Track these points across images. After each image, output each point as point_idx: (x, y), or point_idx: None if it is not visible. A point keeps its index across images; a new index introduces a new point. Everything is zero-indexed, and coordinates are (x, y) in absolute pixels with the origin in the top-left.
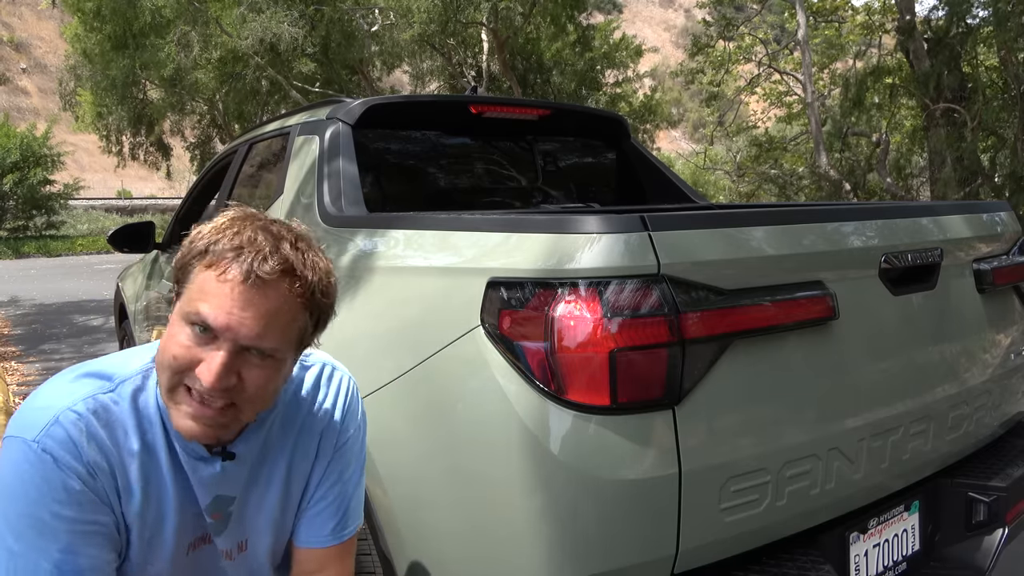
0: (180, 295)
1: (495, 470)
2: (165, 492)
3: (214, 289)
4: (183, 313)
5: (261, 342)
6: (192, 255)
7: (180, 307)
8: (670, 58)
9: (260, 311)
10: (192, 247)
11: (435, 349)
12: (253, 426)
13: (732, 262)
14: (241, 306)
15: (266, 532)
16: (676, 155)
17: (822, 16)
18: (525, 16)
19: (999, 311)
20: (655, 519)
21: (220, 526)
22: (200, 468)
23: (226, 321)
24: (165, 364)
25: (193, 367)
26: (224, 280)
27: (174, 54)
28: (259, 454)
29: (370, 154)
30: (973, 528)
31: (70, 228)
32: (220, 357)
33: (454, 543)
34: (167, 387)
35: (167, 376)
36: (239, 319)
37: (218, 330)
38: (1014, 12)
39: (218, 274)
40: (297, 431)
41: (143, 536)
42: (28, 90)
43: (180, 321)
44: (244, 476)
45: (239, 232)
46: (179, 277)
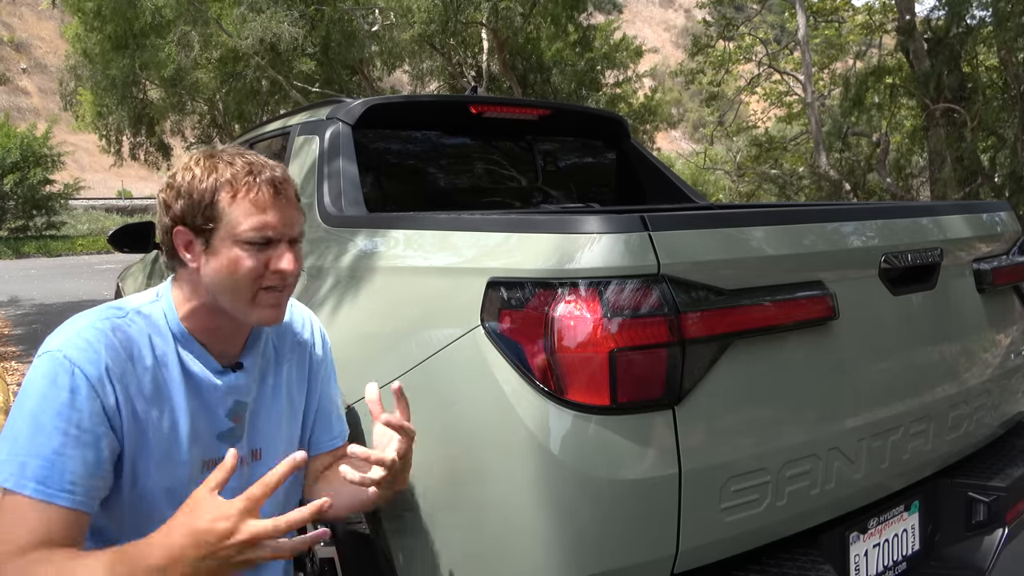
0: (214, 231)
1: (495, 470)
2: (178, 402)
3: (257, 209)
4: (237, 239)
5: (299, 231)
6: (207, 194)
7: (228, 235)
8: (670, 58)
9: (291, 209)
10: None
11: (435, 349)
12: (252, 341)
13: (732, 262)
14: (282, 210)
15: (277, 441)
16: (676, 155)
17: (822, 16)
18: (525, 16)
19: (999, 311)
20: (655, 519)
21: (239, 431)
22: (219, 380)
23: (281, 227)
24: (242, 280)
25: (266, 271)
26: (260, 198)
27: (174, 54)
28: (262, 364)
29: (370, 154)
30: (973, 528)
31: (70, 228)
32: (287, 251)
33: (454, 542)
34: (248, 298)
35: (247, 289)
36: (286, 221)
37: (278, 235)
38: (1014, 12)
39: (252, 197)
40: (289, 344)
41: (160, 447)
42: (28, 90)
43: (234, 247)
44: (254, 384)
45: (230, 161)
46: (207, 218)
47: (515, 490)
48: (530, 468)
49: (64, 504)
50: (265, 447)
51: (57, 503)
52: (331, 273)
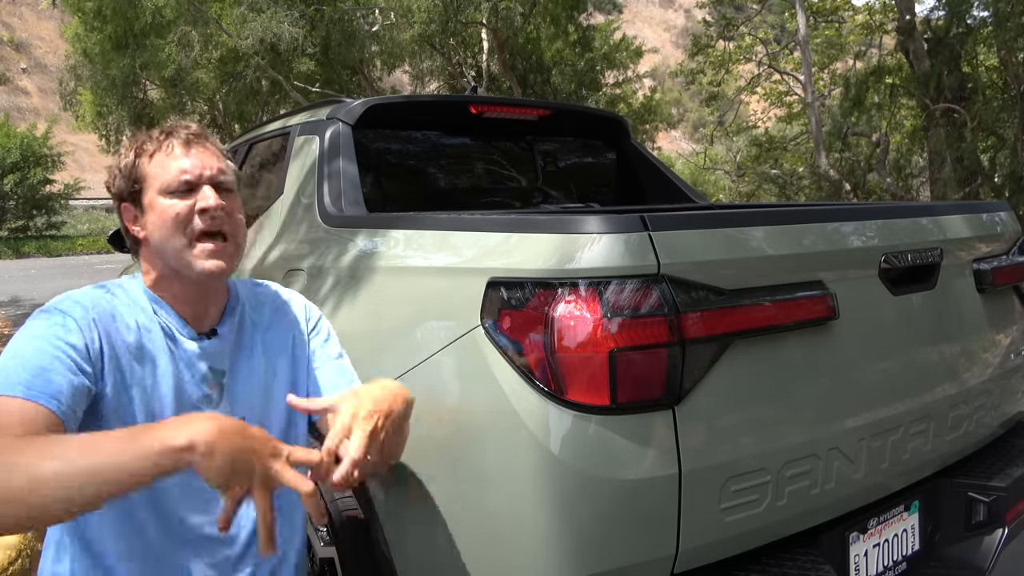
0: (140, 192)
1: (495, 470)
2: (161, 364)
3: (172, 161)
4: (159, 189)
5: (223, 174)
6: (132, 164)
7: (152, 189)
8: (670, 58)
9: (209, 155)
10: (124, 162)
11: (435, 349)
12: (230, 307)
13: (732, 262)
14: (197, 157)
15: (261, 411)
16: (676, 155)
17: (822, 16)
18: (525, 16)
19: (999, 311)
20: (655, 519)
21: (217, 397)
22: (193, 346)
23: (198, 169)
24: (171, 227)
25: (192, 214)
26: (173, 152)
27: (174, 54)
28: (237, 332)
29: (370, 154)
30: (973, 528)
31: (70, 228)
32: (207, 189)
33: (453, 542)
34: (184, 245)
35: (179, 234)
36: (202, 163)
37: (194, 178)
38: (1014, 12)
39: (166, 152)
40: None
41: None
42: (28, 90)
43: (159, 197)
44: (228, 351)
45: (153, 132)
46: (132, 181)
47: (515, 490)
48: (530, 468)
49: (51, 408)
50: (248, 415)
51: (45, 405)
52: (331, 273)
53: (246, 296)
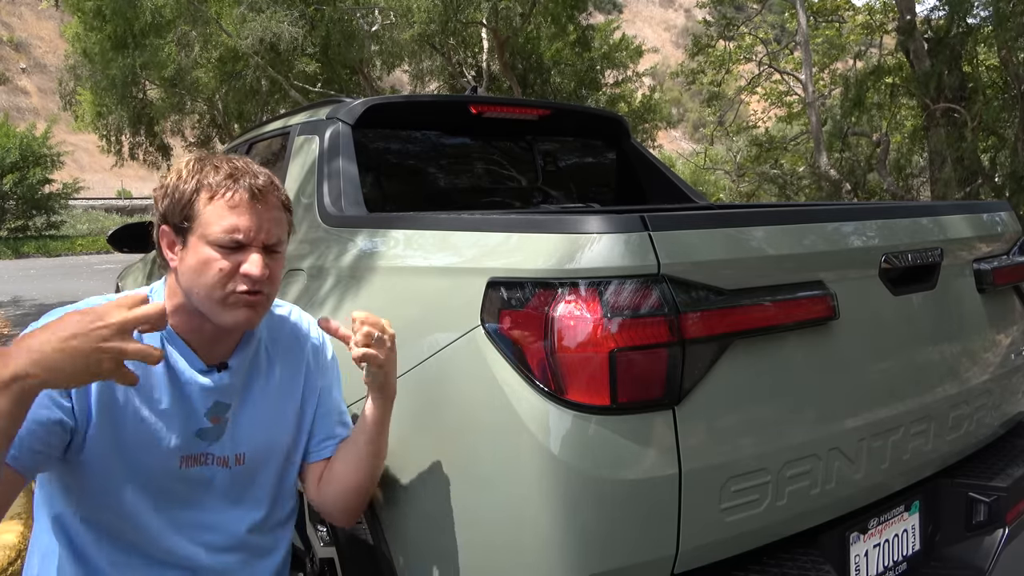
0: (189, 230)
1: (495, 470)
2: (160, 394)
3: (230, 212)
4: (207, 239)
5: (275, 239)
6: (188, 195)
7: (201, 234)
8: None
9: (268, 217)
10: (181, 188)
11: (435, 349)
12: (243, 343)
13: (732, 262)
14: (257, 216)
15: (264, 448)
16: (676, 155)
17: (822, 16)
18: (524, 16)
19: (999, 311)
20: (655, 519)
21: (219, 431)
22: (200, 378)
23: (253, 232)
24: (209, 280)
25: (235, 273)
26: (236, 202)
27: (174, 54)
28: (250, 367)
29: (370, 154)
30: (973, 528)
31: (70, 228)
32: (258, 255)
33: (453, 542)
34: (218, 299)
35: (215, 290)
36: (259, 226)
37: (248, 239)
38: (1014, 12)
39: (228, 199)
40: (283, 348)
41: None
42: (28, 90)
43: (205, 247)
44: (239, 386)
45: (217, 166)
46: (184, 217)
47: (515, 490)
48: (530, 468)
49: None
50: (250, 452)
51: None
52: (331, 273)
53: (265, 327)
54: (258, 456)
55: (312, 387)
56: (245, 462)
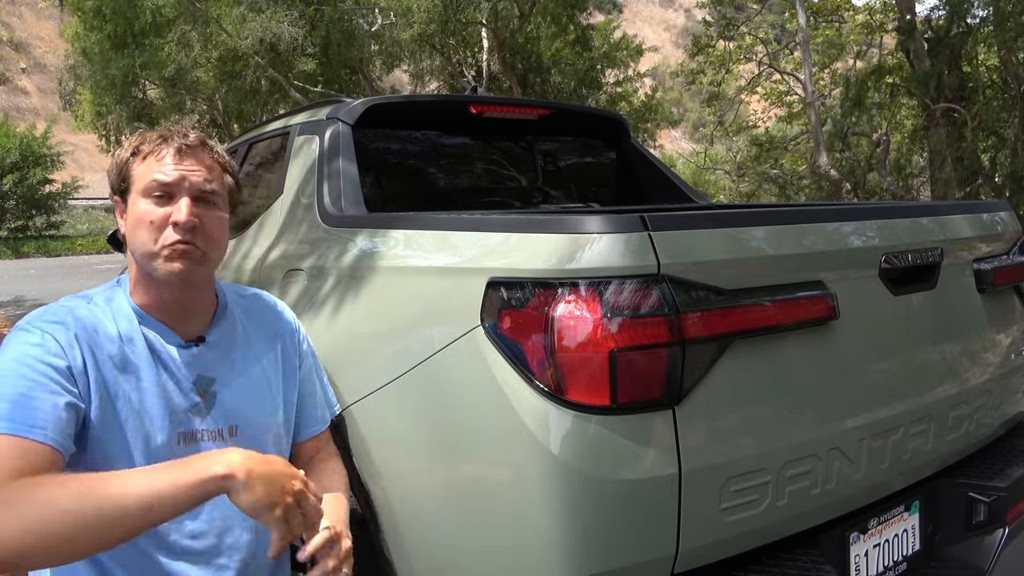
0: (127, 190)
1: (495, 470)
2: (146, 375)
3: (158, 164)
4: (140, 191)
5: (208, 185)
6: (124, 161)
7: (135, 191)
8: (670, 58)
9: (199, 167)
10: (120, 157)
11: (435, 349)
12: (219, 315)
13: (732, 262)
14: (183, 164)
15: (253, 419)
16: (676, 155)
17: (822, 16)
18: (523, 16)
19: (999, 311)
20: (655, 519)
21: (208, 405)
22: (179, 353)
23: (178, 175)
24: (143, 231)
25: (166, 222)
26: (162, 156)
27: (174, 54)
28: (229, 338)
29: (370, 154)
30: (973, 528)
31: (70, 228)
32: (185, 201)
33: (453, 543)
34: (151, 249)
35: (149, 239)
36: (185, 171)
37: (173, 184)
38: (1014, 12)
39: (157, 156)
40: (263, 328)
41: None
42: (28, 90)
43: (139, 199)
44: (219, 359)
45: (154, 132)
46: (122, 179)
47: (515, 490)
48: (530, 468)
49: (37, 439)
50: (240, 424)
51: (30, 438)
52: (331, 273)
53: (238, 304)
54: (247, 430)
55: (290, 365)
56: (237, 434)
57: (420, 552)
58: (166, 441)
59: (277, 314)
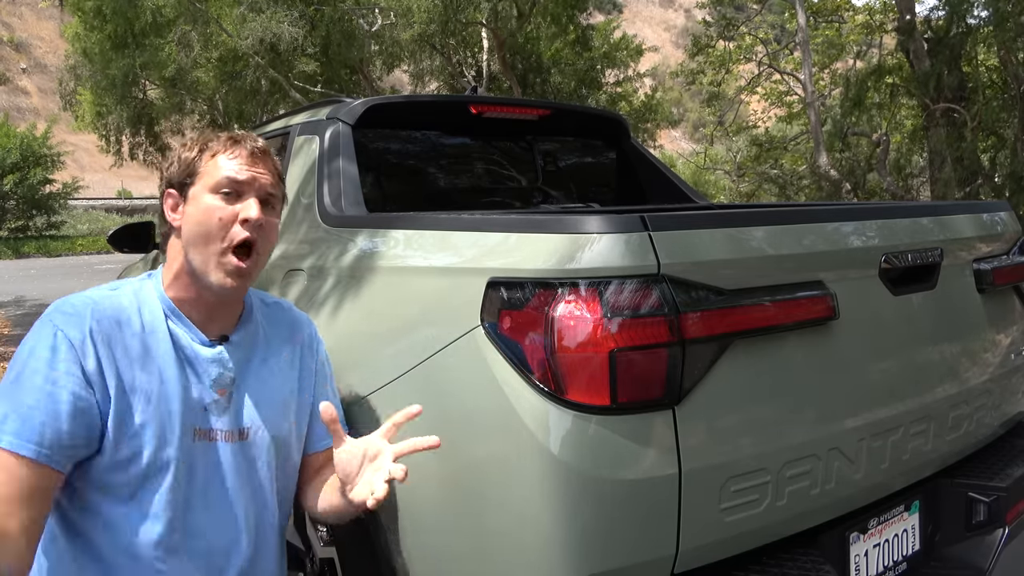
0: (190, 184)
1: (495, 470)
2: (167, 368)
3: (230, 162)
4: (208, 186)
5: (273, 189)
6: (193, 158)
7: (202, 184)
8: (670, 58)
9: (265, 172)
10: (186, 154)
11: (435, 349)
12: (245, 318)
13: (732, 262)
14: (255, 166)
15: (265, 425)
16: (676, 155)
17: (822, 16)
18: (523, 16)
19: (999, 311)
20: (655, 519)
21: (224, 404)
22: (204, 351)
23: (250, 175)
24: (210, 227)
25: (233, 219)
26: (235, 155)
27: (174, 54)
28: (251, 341)
29: (370, 154)
30: (973, 528)
31: (70, 228)
32: (254, 201)
33: (453, 542)
34: (215, 251)
35: (216, 239)
36: (258, 174)
37: (245, 183)
38: (1014, 12)
39: (229, 154)
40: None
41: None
42: (28, 90)
43: (206, 194)
44: (241, 360)
45: (219, 135)
46: (188, 173)
47: (515, 490)
48: (530, 468)
49: (28, 456)
50: (252, 428)
51: (23, 454)
52: (331, 273)
53: (261, 311)
54: (257, 435)
55: (307, 378)
56: (248, 437)
57: (420, 552)
58: (182, 436)
59: (298, 326)
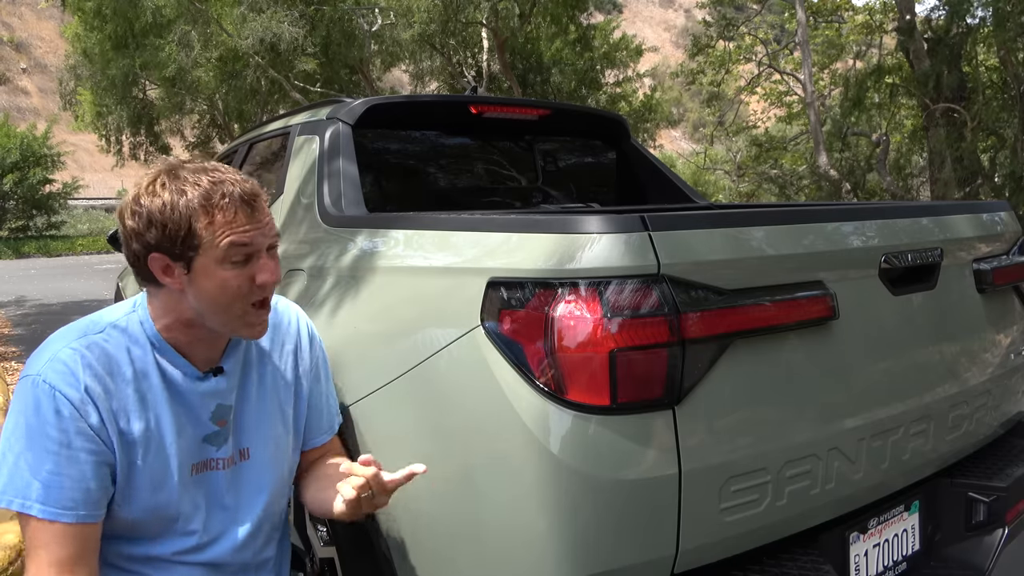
0: (193, 256)
1: (495, 470)
2: (162, 412)
3: (232, 226)
4: (217, 259)
5: (275, 235)
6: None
7: (209, 258)
8: (670, 58)
9: (262, 218)
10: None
11: (435, 349)
12: (232, 345)
13: (732, 262)
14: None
15: (265, 440)
16: (676, 155)
17: (822, 16)
18: (523, 16)
19: (999, 311)
20: (655, 519)
21: (225, 434)
22: (199, 386)
23: (255, 236)
24: (231, 297)
25: (251, 284)
26: (232, 216)
27: (175, 54)
28: (243, 367)
29: (370, 154)
30: (973, 528)
31: (70, 228)
32: (266, 260)
33: (454, 542)
34: (238, 315)
35: (238, 307)
36: (260, 229)
37: (254, 246)
38: (1014, 12)
39: (227, 216)
40: (273, 341)
41: (147, 459)
42: (28, 90)
43: (218, 269)
44: (235, 386)
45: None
46: (188, 247)
47: (515, 490)
48: (530, 468)
49: (69, 521)
50: (253, 446)
51: (63, 521)
52: (331, 273)
53: None
54: (258, 450)
55: (302, 378)
56: (250, 456)
57: (419, 552)
58: (179, 474)
59: (289, 326)
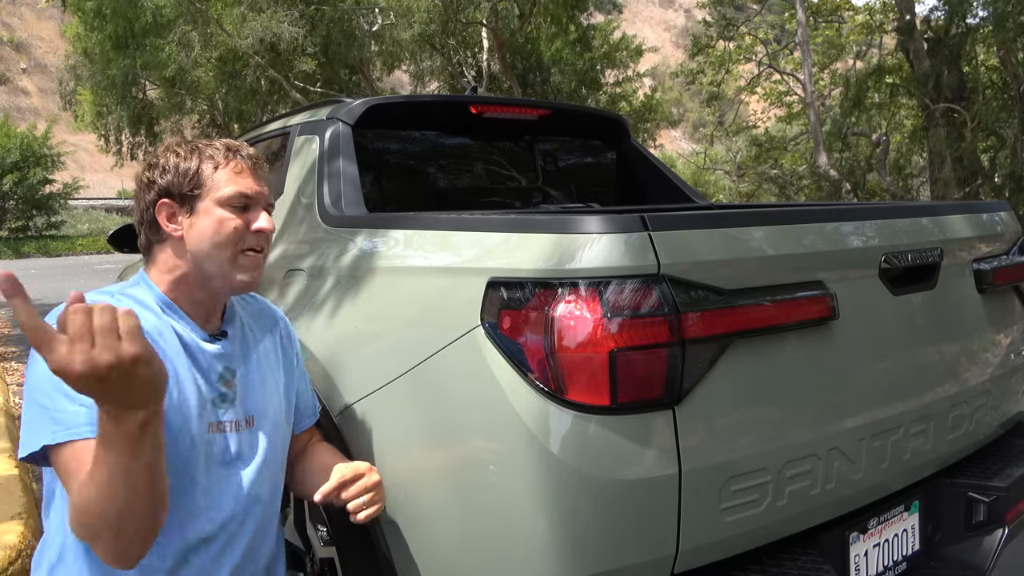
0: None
1: (494, 470)
2: (180, 368)
3: (239, 177)
4: (219, 200)
5: (271, 203)
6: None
7: (212, 199)
8: (670, 58)
9: (263, 180)
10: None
11: (435, 349)
12: (229, 313)
13: (732, 262)
14: (258, 180)
15: (267, 410)
16: (676, 155)
17: (822, 16)
18: (523, 16)
19: (999, 311)
20: (655, 519)
21: (231, 396)
22: (207, 346)
23: (258, 190)
24: (226, 237)
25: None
26: (240, 168)
27: (175, 54)
28: (241, 334)
29: (370, 154)
30: (973, 528)
31: (70, 228)
32: (263, 212)
33: (453, 542)
34: (230, 257)
35: (230, 246)
36: (261, 190)
37: (254, 198)
38: (1014, 12)
39: (232, 167)
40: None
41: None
42: (28, 90)
43: (218, 208)
44: (237, 351)
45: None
46: (192, 185)
47: (515, 490)
48: (530, 468)
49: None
50: (257, 415)
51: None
52: (331, 273)
53: (241, 304)
54: (262, 420)
55: (288, 361)
56: (254, 424)
57: (419, 552)
58: (199, 431)
59: (271, 313)
